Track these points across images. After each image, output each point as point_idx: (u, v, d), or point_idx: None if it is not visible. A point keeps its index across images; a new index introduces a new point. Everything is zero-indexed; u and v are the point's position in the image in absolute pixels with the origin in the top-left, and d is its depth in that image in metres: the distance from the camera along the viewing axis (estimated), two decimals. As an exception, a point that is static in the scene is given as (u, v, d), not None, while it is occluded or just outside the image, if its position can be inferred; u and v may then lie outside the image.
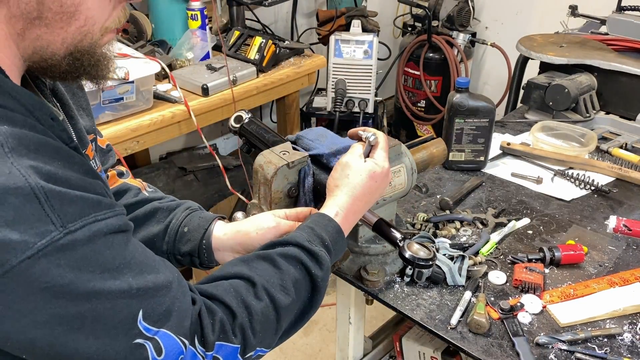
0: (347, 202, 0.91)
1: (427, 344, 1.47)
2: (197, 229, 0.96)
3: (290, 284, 0.79)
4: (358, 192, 0.92)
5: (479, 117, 1.47)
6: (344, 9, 2.80)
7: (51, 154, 0.58)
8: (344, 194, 0.92)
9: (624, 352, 1.01)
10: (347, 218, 0.91)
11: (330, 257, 0.86)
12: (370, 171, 0.93)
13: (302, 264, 0.81)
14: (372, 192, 0.94)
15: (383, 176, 0.95)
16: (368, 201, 0.95)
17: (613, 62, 1.79)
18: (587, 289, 1.13)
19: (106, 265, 0.58)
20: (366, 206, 0.96)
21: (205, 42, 2.15)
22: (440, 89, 3.03)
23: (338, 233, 0.89)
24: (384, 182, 0.96)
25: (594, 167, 1.55)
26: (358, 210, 0.94)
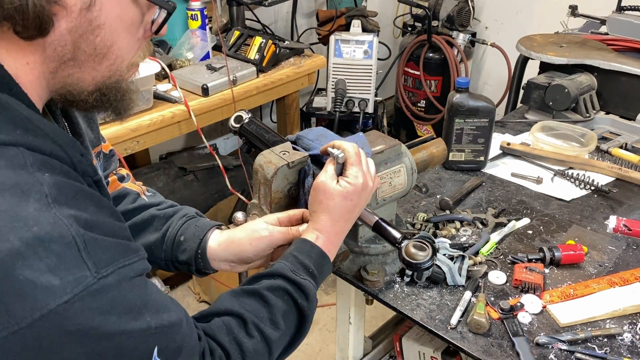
0: (327, 225, 0.91)
1: (427, 344, 1.47)
2: (192, 239, 0.98)
3: (280, 317, 0.81)
4: (335, 214, 0.91)
5: (479, 117, 1.47)
6: (344, 9, 2.80)
7: (86, 201, 0.62)
8: (321, 218, 0.91)
9: (624, 352, 1.01)
10: (330, 239, 0.91)
11: (316, 282, 0.88)
12: (342, 193, 0.91)
13: (289, 296, 0.83)
14: (350, 210, 0.93)
15: (359, 192, 0.92)
16: (349, 219, 0.94)
17: (613, 62, 1.79)
18: (587, 289, 1.13)
19: (129, 307, 0.62)
20: (348, 224, 0.95)
21: (205, 42, 2.15)
22: (440, 89, 3.03)
23: (322, 257, 0.90)
24: (362, 197, 0.93)
25: (594, 167, 1.55)
26: (340, 230, 0.93)
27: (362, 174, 0.92)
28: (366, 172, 0.94)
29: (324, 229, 0.91)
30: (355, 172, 0.92)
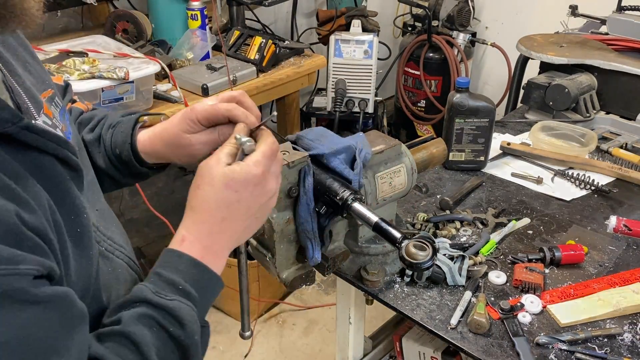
0: (197, 222, 0.71)
1: (427, 344, 1.47)
2: (124, 148, 0.90)
3: (153, 355, 0.64)
4: (209, 205, 0.70)
5: (479, 117, 1.47)
6: (344, 9, 2.80)
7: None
8: (191, 210, 0.72)
9: (624, 352, 1.01)
10: (202, 242, 0.71)
11: (192, 301, 0.68)
12: (225, 178, 0.70)
13: (158, 325, 0.65)
14: (231, 204, 0.71)
15: (248, 185, 0.71)
16: (229, 217, 0.72)
17: (613, 62, 1.79)
18: (587, 289, 1.13)
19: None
20: (228, 224, 0.72)
21: (205, 42, 2.15)
22: (440, 88, 3.03)
23: (194, 267, 0.70)
24: (252, 194, 0.72)
25: (594, 167, 1.55)
26: (217, 230, 0.72)
27: (264, 168, 0.72)
28: (272, 171, 0.74)
29: (192, 228, 0.71)
30: (256, 161, 0.71)
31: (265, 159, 0.73)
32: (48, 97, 0.77)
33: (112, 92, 1.67)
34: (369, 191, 1.05)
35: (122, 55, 1.77)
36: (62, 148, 0.65)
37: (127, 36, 2.09)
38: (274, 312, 2.55)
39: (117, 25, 2.10)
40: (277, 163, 0.77)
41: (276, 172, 0.76)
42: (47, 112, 0.74)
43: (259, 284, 2.38)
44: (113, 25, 2.10)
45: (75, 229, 0.65)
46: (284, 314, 2.54)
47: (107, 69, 1.63)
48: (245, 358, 2.33)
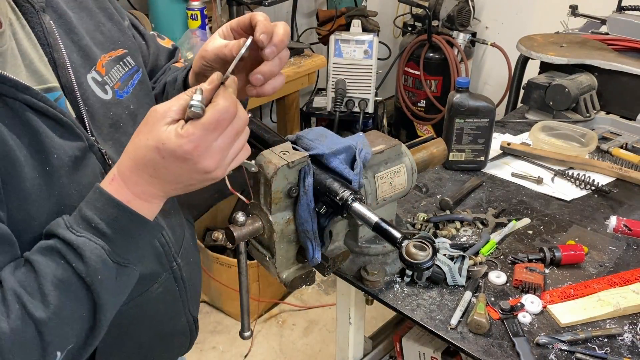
0: (128, 165, 0.69)
1: (427, 344, 1.47)
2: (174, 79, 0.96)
3: (50, 286, 0.65)
4: (140, 159, 0.68)
5: (479, 117, 1.47)
6: (344, 9, 2.80)
7: None
8: (126, 153, 0.70)
9: (625, 352, 1.01)
10: (130, 187, 0.69)
11: (106, 240, 0.68)
12: (157, 140, 0.66)
13: (63, 259, 0.66)
14: (163, 171, 0.68)
15: (179, 160, 0.66)
16: (163, 179, 0.69)
17: (613, 62, 1.79)
18: (588, 289, 1.13)
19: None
20: (164, 184, 0.70)
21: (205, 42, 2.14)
22: (440, 88, 3.03)
23: (115, 206, 0.68)
24: (184, 168, 0.67)
25: (595, 167, 1.55)
26: (150, 183, 0.69)
27: (197, 143, 0.65)
28: (214, 146, 0.67)
29: (123, 171, 0.70)
30: (190, 134, 0.65)
31: (204, 133, 0.65)
32: (115, 56, 0.87)
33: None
34: (369, 191, 1.05)
35: (122, 55, 1.77)
36: (32, 98, 0.71)
37: (127, 36, 2.09)
38: (274, 312, 2.55)
39: (117, 25, 2.10)
40: (227, 133, 0.68)
41: (221, 145, 0.68)
42: (100, 69, 0.83)
43: (259, 284, 2.38)
44: (113, 25, 2.10)
45: (45, 167, 0.71)
46: (284, 314, 2.54)
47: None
48: (245, 358, 2.33)
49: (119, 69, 0.87)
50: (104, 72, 0.84)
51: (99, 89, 0.83)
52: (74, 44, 0.81)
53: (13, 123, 0.69)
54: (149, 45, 1.03)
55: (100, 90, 0.83)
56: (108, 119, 0.83)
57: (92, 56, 0.83)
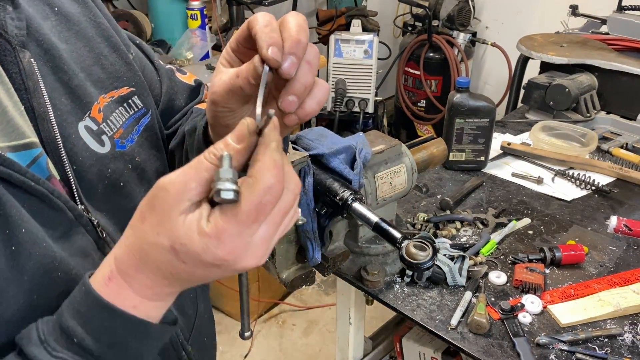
0: (134, 265, 0.51)
1: (427, 344, 1.47)
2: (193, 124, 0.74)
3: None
4: (147, 255, 0.50)
5: (480, 117, 1.47)
6: (344, 9, 2.80)
7: None
8: (128, 247, 0.51)
9: (625, 352, 1.01)
10: (135, 289, 0.51)
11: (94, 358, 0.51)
12: (174, 239, 0.48)
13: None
14: (184, 275, 0.50)
15: (208, 265, 0.48)
16: (182, 280, 0.52)
17: (614, 61, 1.79)
18: (588, 289, 1.13)
19: None
20: (182, 283, 0.52)
21: (204, 42, 2.14)
22: (440, 88, 3.02)
23: (109, 315, 0.51)
24: (215, 272, 0.50)
25: (595, 167, 1.55)
26: (152, 285, 0.51)
27: (233, 246, 0.47)
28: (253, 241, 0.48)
29: (127, 269, 0.51)
30: (221, 233, 0.47)
31: (241, 228, 0.47)
32: (118, 96, 0.69)
33: (111, 92, 1.66)
34: (369, 191, 1.05)
35: (122, 55, 1.76)
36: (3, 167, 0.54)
37: (127, 36, 2.09)
38: (273, 312, 2.54)
39: (116, 25, 2.10)
40: (272, 220, 0.49)
41: (265, 236, 0.49)
42: (96, 115, 0.66)
43: (259, 284, 2.38)
44: (113, 25, 2.10)
45: (10, 246, 0.53)
46: (283, 314, 2.54)
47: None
48: (245, 358, 2.33)
49: (121, 112, 0.69)
50: (101, 119, 0.67)
51: (94, 140, 0.65)
52: (62, 85, 0.63)
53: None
54: (162, 81, 0.82)
55: (95, 141, 0.65)
56: (104, 178, 0.66)
57: (86, 99, 0.65)
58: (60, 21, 0.66)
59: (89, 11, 0.71)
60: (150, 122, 0.74)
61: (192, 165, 0.49)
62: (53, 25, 0.65)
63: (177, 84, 0.85)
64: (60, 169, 0.61)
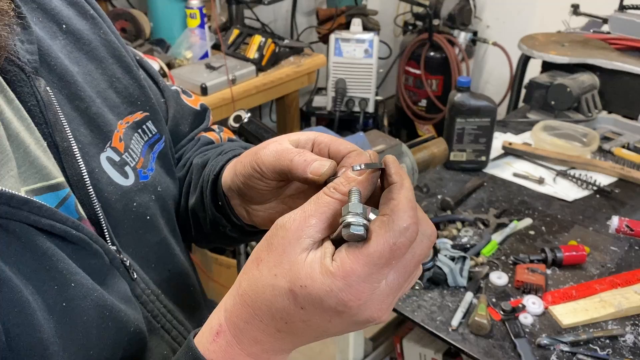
0: (242, 317, 0.48)
1: (428, 345, 1.47)
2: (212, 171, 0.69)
3: None
4: (262, 301, 0.46)
5: (481, 116, 1.46)
6: (344, 8, 2.79)
7: None
8: (239, 295, 0.48)
9: (626, 353, 1.00)
10: (243, 345, 0.48)
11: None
12: (295, 280, 0.44)
13: None
14: (300, 325, 0.46)
15: (329, 312, 0.44)
16: (296, 334, 0.48)
17: (615, 61, 1.78)
18: (589, 290, 1.13)
19: None
20: (295, 339, 0.49)
21: (204, 41, 2.14)
22: (441, 88, 3.02)
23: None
24: (335, 322, 0.45)
25: (596, 167, 1.54)
26: (263, 339, 0.48)
27: (361, 290, 0.43)
28: (380, 291, 0.44)
29: (238, 319, 0.48)
30: (349, 275, 0.42)
31: (374, 271, 0.42)
32: (133, 122, 0.63)
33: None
34: (369, 191, 1.04)
35: (121, 54, 1.76)
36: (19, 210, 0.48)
37: (126, 35, 2.08)
38: (273, 312, 2.54)
39: (115, 24, 2.09)
40: (403, 267, 0.44)
41: (393, 285, 0.44)
42: (117, 144, 0.60)
43: (259, 284, 2.37)
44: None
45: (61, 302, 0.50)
46: (284, 314, 2.54)
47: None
48: (245, 358, 2.32)
49: (137, 139, 0.63)
50: (123, 148, 0.61)
51: (117, 172, 0.60)
52: (80, 114, 0.57)
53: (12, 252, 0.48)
54: (169, 104, 0.77)
55: (118, 174, 0.60)
56: (130, 212, 0.61)
57: (106, 128, 0.59)
58: (69, 40, 0.60)
59: (99, 28, 0.65)
60: (165, 149, 0.69)
61: (312, 201, 0.46)
62: (62, 45, 0.59)
63: (184, 108, 0.79)
64: (87, 208, 0.56)
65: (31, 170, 0.52)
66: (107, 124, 0.60)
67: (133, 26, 2.08)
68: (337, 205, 0.45)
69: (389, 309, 0.45)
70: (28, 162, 0.52)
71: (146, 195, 0.63)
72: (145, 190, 0.63)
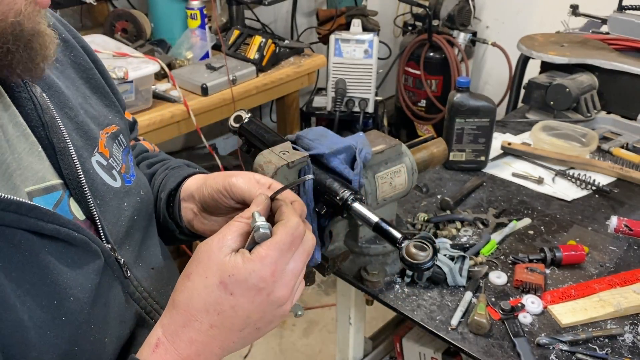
0: (178, 323, 0.55)
1: (427, 344, 1.47)
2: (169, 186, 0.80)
3: None
4: (197, 306, 0.55)
5: (480, 116, 1.47)
6: (344, 8, 2.80)
7: None
8: (173, 306, 0.57)
9: (625, 352, 1.01)
10: (180, 350, 0.55)
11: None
12: (220, 273, 0.54)
13: None
14: (229, 312, 0.55)
15: (253, 290, 0.55)
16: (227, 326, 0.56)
17: (614, 61, 1.78)
18: (588, 290, 1.13)
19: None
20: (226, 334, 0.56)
21: (204, 42, 2.14)
22: (440, 88, 3.02)
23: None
24: (257, 300, 0.56)
25: (595, 167, 1.54)
26: (208, 339, 0.55)
27: (275, 267, 0.56)
28: (288, 270, 0.57)
29: (171, 330, 0.55)
30: (265, 257, 0.55)
31: (280, 254, 0.56)
32: (111, 133, 0.69)
33: (111, 92, 1.66)
34: (369, 191, 1.05)
35: (122, 55, 1.76)
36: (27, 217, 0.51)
37: (127, 36, 2.09)
38: (273, 312, 2.54)
39: (116, 24, 2.10)
40: (298, 256, 0.58)
41: (294, 270, 0.57)
42: (103, 150, 0.65)
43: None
44: (112, 24, 2.10)
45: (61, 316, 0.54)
46: (284, 314, 2.54)
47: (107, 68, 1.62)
48: (245, 359, 2.33)
49: (117, 147, 0.69)
50: (108, 154, 0.66)
51: (107, 175, 0.64)
52: (70, 120, 0.62)
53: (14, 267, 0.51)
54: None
55: (108, 176, 0.65)
56: (122, 212, 0.66)
57: (92, 134, 0.64)
58: None
59: (69, 51, 0.69)
60: (133, 159, 0.77)
61: (225, 227, 0.58)
62: None
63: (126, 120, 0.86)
64: (84, 207, 0.60)
65: (26, 174, 0.55)
66: (91, 131, 0.65)
67: (134, 27, 2.09)
68: (245, 227, 0.58)
69: (293, 293, 0.59)
70: (22, 167, 0.55)
71: (133, 197, 0.69)
72: (131, 193, 0.69)
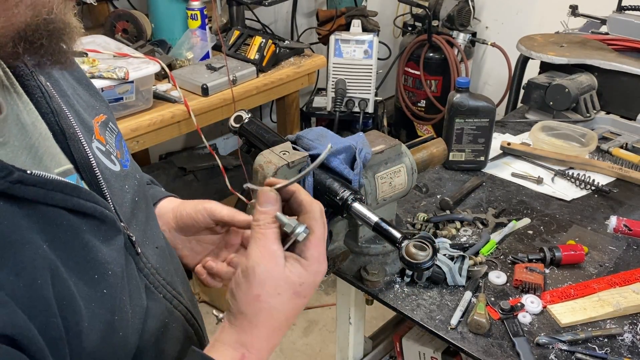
0: (262, 337, 0.62)
1: (427, 344, 1.47)
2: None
3: None
4: (280, 320, 0.62)
5: (479, 117, 1.47)
6: (344, 9, 2.80)
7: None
8: (250, 323, 0.61)
9: (625, 352, 1.01)
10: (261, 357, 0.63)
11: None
12: (292, 286, 0.61)
13: None
14: (298, 312, 0.64)
15: (314, 285, 0.64)
16: (289, 326, 0.65)
17: (613, 62, 1.79)
18: (588, 289, 1.13)
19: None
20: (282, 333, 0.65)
21: (205, 42, 2.14)
22: (440, 88, 3.03)
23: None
24: (310, 291, 0.64)
25: (595, 167, 1.55)
26: (277, 344, 0.64)
27: (324, 258, 0.65)
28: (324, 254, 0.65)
29: (256, 344, 0.61)
30: (318, 256, 0.63)
31: (323, 244, 0.63)
32: (101, 121, 0.70)
33: (111, 92, 1.67)
34: (369, 191, 1.05)
35: (122, 55, 1.77)
36: (71, 197, 0.54)
37: (127, 36, 2.09)
38: (274, 312, 2.54)
39: (116, 25, 2.10)
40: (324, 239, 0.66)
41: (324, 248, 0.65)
42: (99, 137, 0.67)
43: (259, 284, 2.37)
44: (113, 25, 2.10)
45: (102, 289, 0.56)
46: (284, 314, 2.54)
47: (107, 68, 1.63)
48: (245, 358, 2.33)
49: (109, 135, 0.72)
50: (104, 141, 0.68)
51: (107, 159, 0.67)
52: (69, 108, 0.63)
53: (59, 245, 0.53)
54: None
55: (108, 160, 0.67)
56: (125, 194, 0.69)
57: (87, 123, 0.66)
58: None
59: None
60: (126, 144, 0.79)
61: (259, 238, 0.62)
62: None
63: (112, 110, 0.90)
64: (95, 190, 0.61)
65: (44, 160, 0.57)
66: (87, 119, 0.67)
67: (134, 27, 2.09)
68: (276, 232, 0.62)
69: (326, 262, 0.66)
70: (45, 147, 0.57)
71: (131, 180, 0.71)
72: (129, 177, 0.71)
